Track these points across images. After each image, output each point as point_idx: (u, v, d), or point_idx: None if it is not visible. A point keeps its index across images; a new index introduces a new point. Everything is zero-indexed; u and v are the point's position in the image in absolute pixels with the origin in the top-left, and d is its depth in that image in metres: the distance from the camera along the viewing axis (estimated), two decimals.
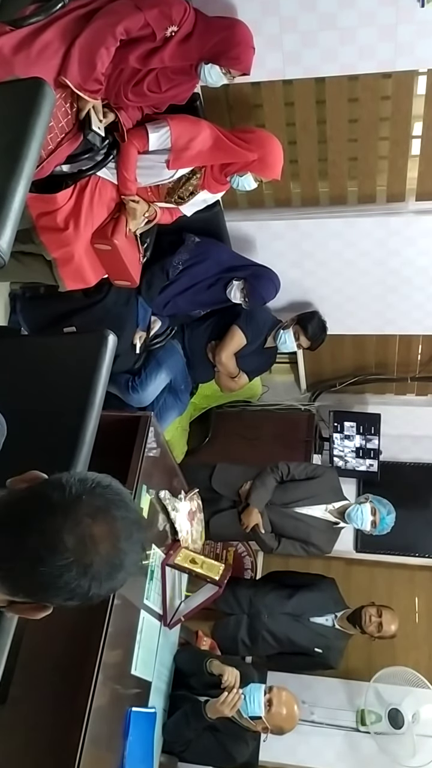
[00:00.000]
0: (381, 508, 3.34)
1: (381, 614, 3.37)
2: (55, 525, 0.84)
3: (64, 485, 0.86)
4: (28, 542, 0.84)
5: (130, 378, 3.44)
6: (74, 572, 0.84)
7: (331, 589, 3.61)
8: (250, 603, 3.51)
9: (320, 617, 3.50)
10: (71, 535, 0.84)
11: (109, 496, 0.88)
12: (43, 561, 0.83)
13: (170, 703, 2.81)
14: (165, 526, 2.80)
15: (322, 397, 4.52)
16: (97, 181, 2.63)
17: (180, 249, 3.32)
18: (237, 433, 4.34)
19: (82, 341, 1.88)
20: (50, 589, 0.85)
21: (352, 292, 3.71)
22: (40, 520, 0.84)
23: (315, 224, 3.43)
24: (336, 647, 3.45)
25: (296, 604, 3.48)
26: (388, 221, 3.34)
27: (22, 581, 0.86)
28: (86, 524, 0.85)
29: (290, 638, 3.45)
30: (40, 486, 0.89)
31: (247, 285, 3.31)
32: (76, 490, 0.86)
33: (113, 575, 0.87)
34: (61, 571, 0.83)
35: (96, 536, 0.85)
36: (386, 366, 4.29)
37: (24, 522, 0.85)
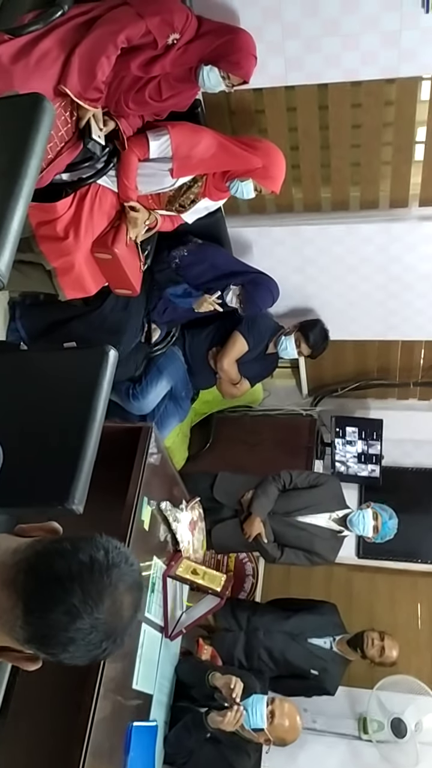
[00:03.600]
0: (383, 513, 3.32)
1: (383, 638, 3.34)
2: (98, 586, 0.86)
3: (107, 549, 0.89)
4: (70, 596, 0.84)
5: (131, 386, 3.41)
6: (101, 633, 0.86)
7: (331, 612, 3.58)
8: (248, 621, 3.48)
9: (319, 639, 3.44)
10: (109, 599, 0.86)
11: (134, 567, 0.92)
12: (80, 617, 0.84)
13: (172, 714, 2.79)
14: (166, 536, 2.78)
15: (324, 401, 4.49)
16: (98, 189, 2.60)
17: (180, 246, 3.29)
18: (238, 438, 4.31)
19: (82, 357, 1.85)
20: (73, 645, 0.86)
21: (354, 297, 3.69)
22: (87, 578, 0.86)
23: (317, 230, 3.40)
24: (333, 671, 3.39)
25: (295, 623, 3.45)
26: (391, 227, 3.32)
27: (49, 632, 0.86)
28: (120, 591, 0.88)
29: (286, 658, 3.40)
30: (81, 543, 0.89)
31: (244, 291, 3.28)
32: (116, 556, 0.89)
33: (122, 642, 0.91)
34: (92, 630, 0.85)
35: (124, 604, 0.88)
36: (388, 371, 4.26)
37: (70, 575, 0.86)
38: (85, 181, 2.56)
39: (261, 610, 3.57)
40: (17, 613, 0.85)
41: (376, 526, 3.30)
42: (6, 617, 0.86)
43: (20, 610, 0.85)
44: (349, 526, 3.38)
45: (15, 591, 0.86)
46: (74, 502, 1.61)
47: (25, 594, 0.86)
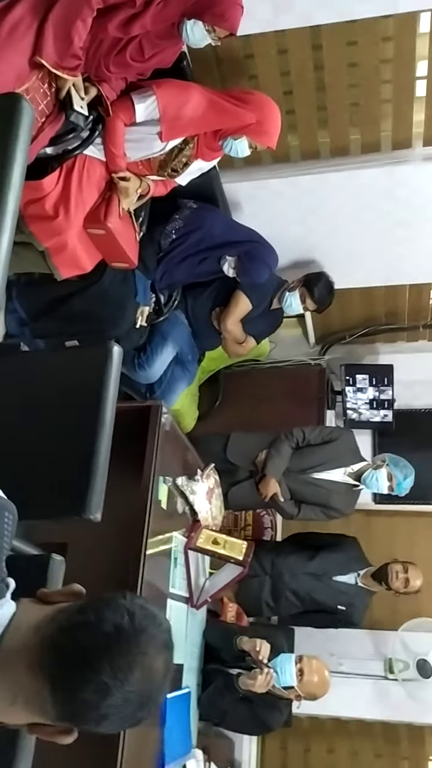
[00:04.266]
0: (398, 473, 3.28)
1: (407, 569, 3.36)
2: (128, 657, 0.82)
3: (132, 613, 0.84)
4: (99, 673, 0.81)
5: (136, 355, 3.34)
6: (135, 704, 0.83)
7: (353, 548, 3.59)
8: (272, 564, 3.50)
9: (343, 576, 3.49)
10: (139, 667, 0.82)
11: (163, 626, 0.88)
12: (111, 693, 0.81)
13: (203, 677, 2.86)
14: (185, 508, 2.77)
15: (332, 350, 4.42)
16: (84, 160, 2.46)
17: (175, 216, 3.17)
18: (247, 393, 4.27)
19: (85, 355, 1.78)
20: (107, 720, 0.83)
21: (359, 245, 3.56)
22: (114, 650, 0.82)
23: (316, 179, 3.24)
24: (359, 605, 3.46)
25: (318, 564, 3.47)
26: (394, 170, 3.16)
27: (81, 711, 0.82)
28: (151, 656, 0.84)
29: (313, 597, 3.46)
30: (105, 611, 0.84)
31: (240, 264, 3.17)
32: (143, 619, 0.85)
33: (158, 703, 0.88)
34: (125, 704, 0.82)
35: (156, 669, 0.85)
36: (396, 315, 4.17)
37: (97, 651, 0.82)
38: (71, 153, 2.42)
39: (284, 552, 3.58)
40: (45, 695, 0.82)
41: (391, 486, 3.28)
42: (35, 700, 0.83)
43: (48, 692, 0.82)
44: (363, 484, 3.36)
45: (41, 672, 0.82)
46: (91, 512, 1.59)
47: (52, 676, 0.82)
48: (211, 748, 3.00)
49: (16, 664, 0.84)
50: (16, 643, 0.85)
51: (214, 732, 3.20)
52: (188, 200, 3.15)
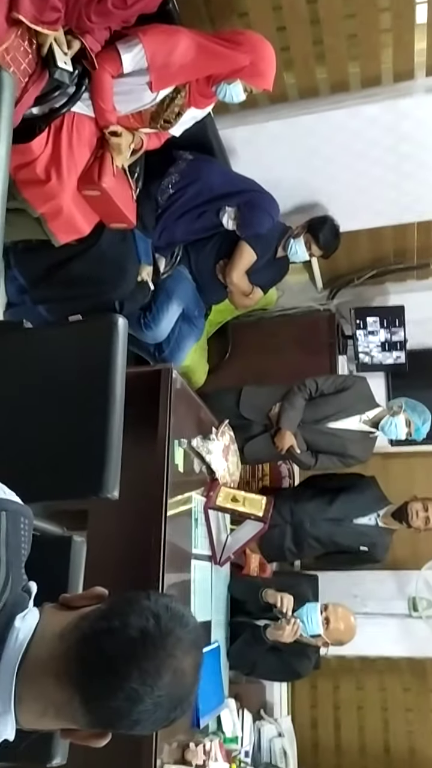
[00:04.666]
0: (416, 418, 3.23)
1: (427, 508, 3.36)
2: (155, 661, 0.81)
3: (157, 615, 0.82)
4: (127, 680, 0.79)
5: (141, 314, 3.28)
6: (167, 707, 0.82)
7: (371, 488, 3.58)
8: (292, 513, 3.50)
9: (363, 517, 3.50)
10: (169, 671, 0.81)
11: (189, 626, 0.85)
12: (141, 700, 0.80)
13: (231, 630, 2.91)
14: (201, 468, 2.77)
15: (341, 293, 4.33)
16: (73, 117, 2.35)
17: (170, 170, 3.05)
18: (257, 343, 4.21)
19: (90, 330, 1.73)
20: (140, 725, 0.82)
21: (364, 184, 3.43)
22: (141, 656, 0.80)
23: (317, 118, 3.10)
24: (381, 543, 3.48)
25: (338, 508, 3.47)
26: (397, 104, 3.01)
27: (113, 718, 0.81)
28: (179, 658, 0.82)
29: (334, 541, 3.48)
30: (129, 616, 0.82)
31: (240, 215, 3.06)
32: (169, 620, 0.83)
33: (191, 701, 0.87)
34: (156, 708, 0.81)
35: (186, 670, 0.83)
36: (405, 254, 4.06)
37: (124, 658, 0.80)
38: (58, 112, 2.31)
39: (302, 499, 3.57)
40: (75, 705, 0.81)
41: (409, 432, 3.25)
42: (65, 710, 0.82)
43: (78, 702, 0.81)
44: (381, 431, 3.33)
45: (69, 683, 0.81)
46: (108, 490, 1.57)
47: (80, 686, 0.81)
48: (243, 694, 3.08)
49: (43, 676, 0.83)
50: (42, 654, 0.84)
51: (245, 679, 3.28)
52: (183, 151, 3.03)
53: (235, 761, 2.53)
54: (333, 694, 3.89)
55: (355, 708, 3.84)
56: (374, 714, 3.80)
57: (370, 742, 3.74)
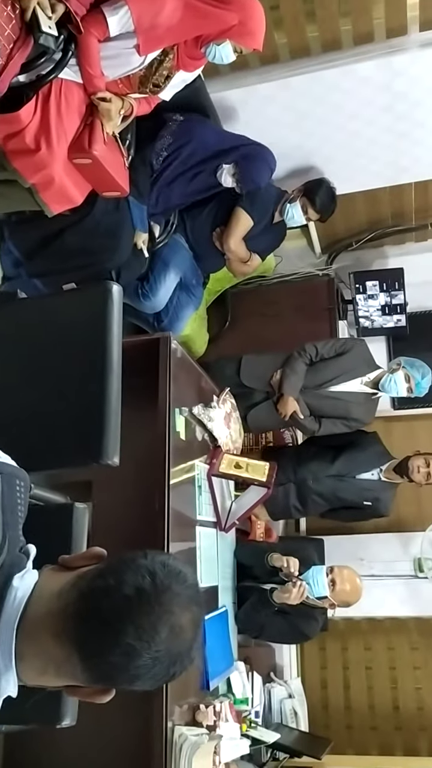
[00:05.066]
0: (415, 373, 3.24)
1: (429, 463, 3.36)
2: (151, 617, 0.81)
3: (153, 573, 0.83)
4: (123, 636, 0.81)
5: (139, 284, 3.26)
6: (166, 663, 0.83)
7: (373, 443, 3.59)
8: (295, 471, 3.52)
9: (366, 473, 3.51)
10: (165, 627, 0.82)
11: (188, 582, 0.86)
12: (139, 654, 0.81)
13: (238, 595, 2.95)
14: (204, 436, 2.78)
15: (340, 258, 4.30)
16: (61, 84, 2.31)
17: (161, 133, 3.01)
18: (256, 311, 4.19)
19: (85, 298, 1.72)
20: (140, 680, 0.83)
21: (359, 146, 3.38)
22: (136, 612, 0.81)
23: (309, 78, 3.05)
24: (384, 498, 3.50)
25: (340, 465, 3.49)
26: (391, 61, 2.95)
27: (112, 674, 0.83)
28: (177, 614, 0.83)
29: (338, 496, 3.51)
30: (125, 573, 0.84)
31: (238, 169, 3.02)
32: (165, 577, 0.84)
33: (192, 658, 0.87)
34: (155, 663, 0.82)
35: (184, 626, 0.84)
36: (403, 216, 4.02)
37: (119, 614, 0.81)
38: (45, 79, 2.26)
39: (305, 457, 3.60)
40: (74, 662, 0.83)
41: (410, 387, 3.25)
42: (65, 667, 0.84)
43: (77, 659, 0.82)
44: (382, 390, 3.33)
45: (68, 640, 0.82)
46: (109, 456, 1.57)
47: (78, 643, 0.82)
48: (253, 657, 3.13)
49: (42, 633, 0.84)
50: (40, 612, 0.85)
51: (254, 642, 3.33)
52: (173, 113, 2.98)
53: (246, 721, 2.58)
54: (341, 655, 3.94)
55: (363, 668, 3.89)
56: (382, 673, 3.86)
57: (378, 700, 3.80)
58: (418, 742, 3.65)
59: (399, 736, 3.70)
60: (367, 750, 3.64)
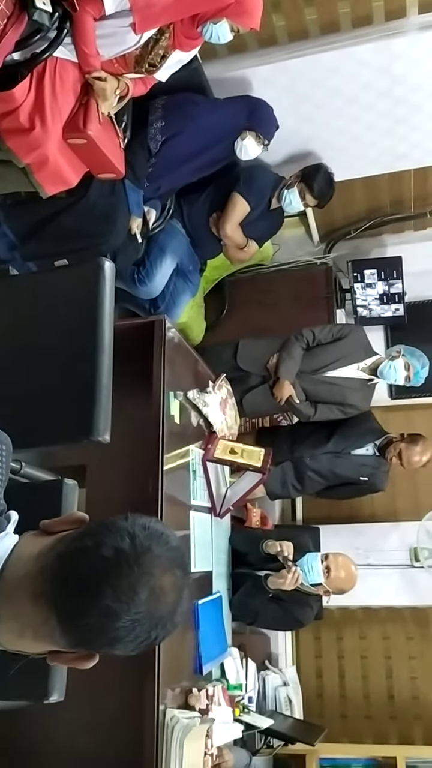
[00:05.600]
0: (414, 362, 3.24)
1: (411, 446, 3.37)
2: (130, 579, 0.80)
3: (133, 534, 0.82)
4: (102, 598, 0.79)
5: (135, 270, 3.24)
6: (146, 625, 0.81)
7: (368, 419, 3.59)
8: (291, 450, 3.53)
9: (361, 449, 3.53)
10: (145, 588, 0.80)
11: (170, 544, 0.85)
12: (118, 616, 0.79)
13: (233, 580, 2.94)
14: (199, 421, 2.76)
15: (338, 246, 4.28)
16: (55, 63, 2.29)
17: (150, 118, 2.98)
18: (254, 299, 4.17)
19: (76, 274, 1.70)
20: (120, 643, 0.81)
21: (358, 131, 3.36)
22: (114, 574, 0.80)
23: (307, 61, 3.02)
24: (380, 473, 3.52)
25: (335, 442, 3.50)
26: (390, 44, 2.93)
27: (91, 636, 0.81)
28: (157, 576, 0.82)
29: (335, 472, 3.52)
30: (103, 535, 0.82)
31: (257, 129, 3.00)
32: (145, 539, 0.82)
33: (174, 622, 0.85)
34: (134, 625, 0.80)
35: (165, 587, 0.82)
36: (402, 203, 3.99)
37: (96, 576, 0.80)
38: (40, 57, 2.24)
39: (300, 435, 3.60)
40: (53, 624, 0.81)
41: (408, 376, 3.24)
42: (43, 630, 0.82)
43: (55, 621, 0.81)
44: (380, 376, 3.32)
45: (45, 603, 0.81)
46: (99, 433, 1.55)
47: (56, 605, 0.81)
48: (248, 644, 3.11)
49: (19, 595, 0.82)
50: (18, 574, 0.83)
51: (249, 630, 3.32)
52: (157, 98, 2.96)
53: (239, 706, 2.57)
54: (337, 644, 3.94)
55: (358, 657, 3.89)
56: (378, 662, 3.85)
57: (373, 689, 3.80)
58: (413, 731, 3.65)
59: (393, 725, 3.70)
60: (361, 738, 3.64)
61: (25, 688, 1.30)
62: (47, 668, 1.39)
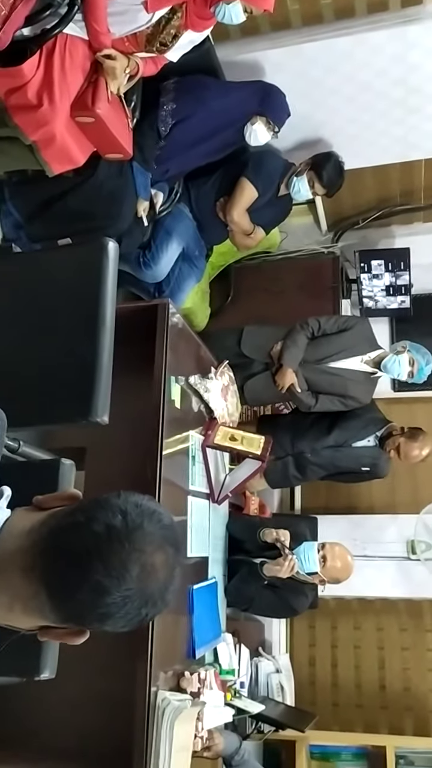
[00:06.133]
0: (419, 358, 3.22)
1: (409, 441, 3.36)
2: (120, 555, 0.80)
3: (125, 511, 0.81)
4: (92, 573, 0.79)
5: (141, 253, 3.22)
6: (137, 602, 0.81)
7: (369, 410, 3.57)
8: (292, 444, 3.52)
9: (362, 440, 3.51)
10: (136, 565, 0.80)
11: (162, 522, 0.84)
12: (108, 592, 0.79)
13: (229, 567, 2.94)
14: (200, 407, 2.75)
15: (346, 236, 4.25)
16: (65, 40, 2.27)
17: (161, 100, 2.95)
18: (260, 287, 4.15)
19: (80, 253, 1.69)
20: (110, 619, 0.81)
21: (370, 119, 3.32)
22: (105, 549, 0.80)
23: (320, 46, 2.98)
24: (381, 462, 3.51)
25: (337, 435, 3.48)
26: (406, 31, 2.88)
27: (81, 612, 0.81)
28: (149, 553, 0.81)
29: (336, 465, 3.52)
30: (95, 511, 0.82)
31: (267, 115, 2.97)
32: (137, 516, 0.82)
33: (165, 600, 0.85)
34: (125, 601, 0.80)
35: (156, 565, 0.82)
36: (412, 194, 3.96)
37: (87, 551, 0.80)
38: (50, 33, 2.22)
39: (301, 429, 3.58)
40: (42, 599, 0.81)
41: (412, 372, 3.22)
42: (32, 604, 0.82)
43: (45, 596, 0.81)
44: (383, 370, 3.30)
45: (35, 577, 0.81)
46: (98, 414, 1.55)
47: (45, 579, 0.81)
48: (242, 631, 3.12)
49: (10, 569, 0.82)
50: (8, 548, 0.83)
51: (244, 617, 3.33)
52: (169, 80, 2.93)
53: (230, 690, 2.58)
54: (331, 633, 3.95)
55: (352, 647, 3.90)
56: (371, 653, 3.87)
57: (366, 679, 3.82)
58: (403, 722, 3.67)
59: (384, 715, 3.71)
60: (352, 727, 3.65)
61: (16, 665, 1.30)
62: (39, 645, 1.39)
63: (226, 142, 3.13)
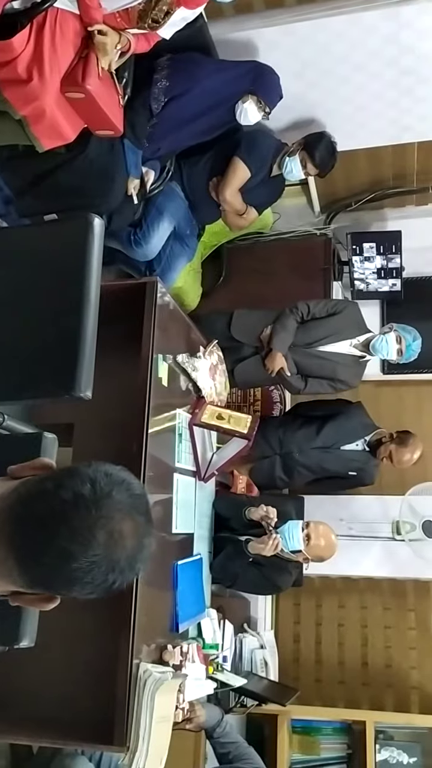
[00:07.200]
0: (406, 335, 3.25)
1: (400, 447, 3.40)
2: (88, 521, 0.81)
3: (94, 480, 0.83)
4: (59, 538, 0.81)
5: (132, 231, 3.22)
6: (103, 568, 0.83)
7: (359, 414, 3.61)
8: (281, 443, 3.56)
9: (350, 444, 3.55)
10: (102, 531, 0.82)
11: (132, 491, 0.86)
12: (74, 557, 0.81)
13: (214, 544, 2.98)
14: (188, 385, 2.77)
15: (338, 218, 4.25)
16: (56, 14, 2.25)
17: (155, 77, 2.94)
18: (252, 268, 4.15)
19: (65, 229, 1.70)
20: (77, 584, 0.83)
21: (363, 100, 3.31)
22: (71, 516, 0.82)
23: (314, 25, 2.96)
24: (369, 468, 3.55)
25: (325, 436, 3.52)
26: (400, 11, 2.87)
27: (48, 576, 0.84)
28: (116, 520, 0.83)
29: (323, 467, 3.55)
30: (64, 479, 0.84)
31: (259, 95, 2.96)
32: (106, 485, 0.83)
33: (134, 568, 0.87)
34: (91, 567, 0.82)
35: (124, 532, 0.84)
36: (405, 177, 3.95)
37: (53, 517, 0.82)
38: (40, 7, 2.20)
39: (290, 428, 3.61)
40: (11, 563, 0.83)
41: (400, 350, 3.26)
42: (2, 569, 0.84)
43: (13, 561, 0.83)
44: (372, 351, 3.33)
45: (3, 542, 0.83)
46: (81, 389, 1.56)
47: (14, 543, 0.83)
48: (227, 607, 3.16)
49: None
50: None
51: (229, 593, 3.37)
52: (163, 57, 2.91)
53: (213, 664, 2.63)
54: (315, 611, 4.01)
55: (336, 625, 3.96)
56: (354, 631, 3.93)
57: (348, 656, 3.88)
58: (384, 698, 3.74)
59: (366, 692, 3.78)
60: (334, 703, 3.72)
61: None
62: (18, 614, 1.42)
63: (219, 121, 3.12)
